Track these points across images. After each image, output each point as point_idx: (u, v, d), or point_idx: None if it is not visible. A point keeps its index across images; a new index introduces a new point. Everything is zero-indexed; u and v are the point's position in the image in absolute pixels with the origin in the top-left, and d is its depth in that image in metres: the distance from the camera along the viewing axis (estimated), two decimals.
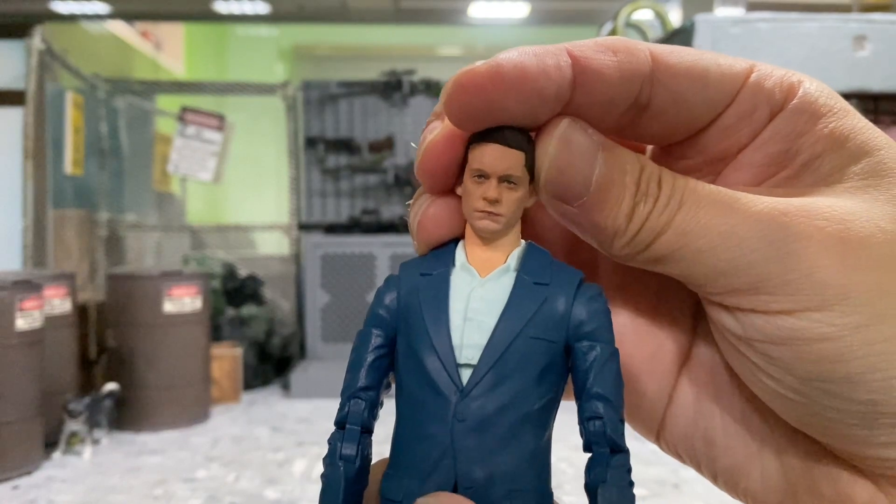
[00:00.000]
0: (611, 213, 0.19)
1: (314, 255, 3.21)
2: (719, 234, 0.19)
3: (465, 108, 0.19)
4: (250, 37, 5.93)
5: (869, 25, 2.23)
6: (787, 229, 0.18)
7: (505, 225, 0.19)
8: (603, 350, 0.19)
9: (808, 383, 0.19)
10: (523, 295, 0.19)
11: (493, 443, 0.18)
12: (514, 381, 0.18)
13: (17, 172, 2.92)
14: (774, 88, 0.21)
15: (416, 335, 0.19)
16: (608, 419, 0.18)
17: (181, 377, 2.47)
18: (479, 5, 4.69)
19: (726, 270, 0.19)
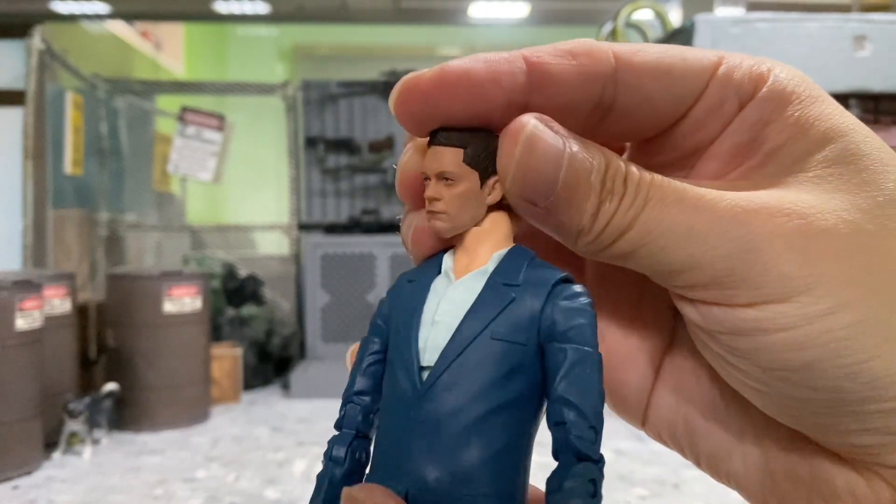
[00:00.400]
0: (576, 212, 0.19)
1: (314, 255, 3.20)
2: (682, 231, 0.19)
3: (410, 113, 0.19)
4: (250, 37, 5.93)
5: (869, 25, 2.23)
6: (748, 227, 0.18)
7: (451, 222, 0.19)
8: (574, 352, 0.18)
9: (771, 373, 0.19)
10: (490, 296, 0.19)
11: (447, 445, 0.18)
12: (470, 383, 0.18)
13: (17, 172, 2.92)
14: (743, 78, 0.21)
15: (394, 341, 0.20)
16: (572, 425, 0.17)
17: (181, 377, 2.47)
18: (479, 5, 4.69)
19: (689, 266, 0.19)
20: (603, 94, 0.20)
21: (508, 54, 0.19)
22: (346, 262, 3.15)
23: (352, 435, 0.20)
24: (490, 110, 0.19)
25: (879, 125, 2.28)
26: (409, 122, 0.20)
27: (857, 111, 2.25)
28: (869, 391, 0.18)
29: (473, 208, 0.19)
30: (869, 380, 0.18)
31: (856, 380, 0.18)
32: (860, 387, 0.18)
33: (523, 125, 0.19)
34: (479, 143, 0.19)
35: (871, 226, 0.18)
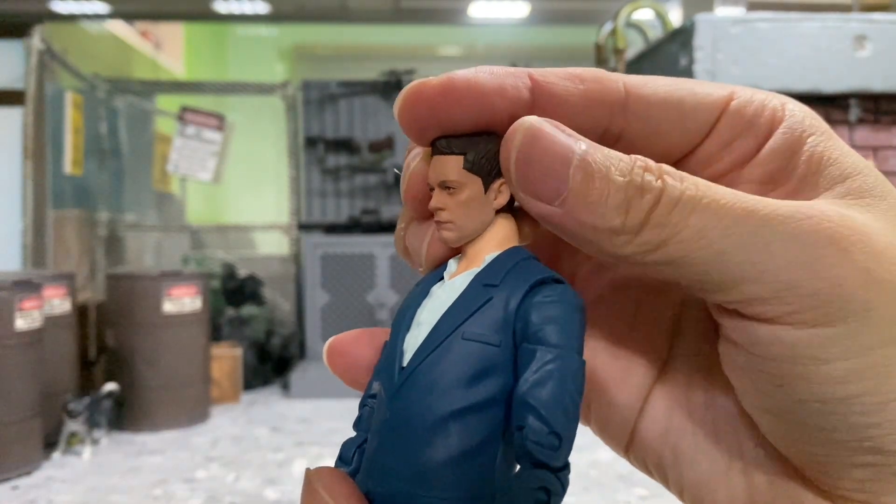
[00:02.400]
0: (597, 208, 0.18)
1: (314, 255, 3.20)
2: (744, 235, 0.17)
3: (414, 119, 0.19)
4: (250, 37, 5.93)
5: (869, 25, 2.23)
6: (815, 234, 0.17)
7: (458, 230, 0.19)
8: (543, 353, 0.17)
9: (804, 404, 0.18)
10: (467, 296, 0.18)
11: (411, 445, 0.17)
12: (436, 383, 0.17)
13: (17, 172, 2.91)
14: (758, 113, 0.20)
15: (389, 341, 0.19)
16: (530, 430, 0.16)
17: (181, 377, 2.46)
18: (479, 5, 4.69)
19: (751, 276, 0.17)
20: (611, 122, 0.20)
21: (516, 70, 0.19)
22: (345, 262, 3.15)
23: (363, 437, 0.19)
24: (493, 122, 0.19)
25: (879, 125, 2.28)
26: (413, 128, 0.19)
27: (858, 111, 2.24)
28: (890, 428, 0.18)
29: (480, 214, 0.19)
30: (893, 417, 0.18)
31: (885, 415, 0.18)
32: (888, 423, 0.18)
33: (522, 120, 0.19)
34: (480, 148, 0.19)
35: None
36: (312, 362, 3.10)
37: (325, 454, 2.15)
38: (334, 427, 2.42)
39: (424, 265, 0.21)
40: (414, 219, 0.22)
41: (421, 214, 0.21)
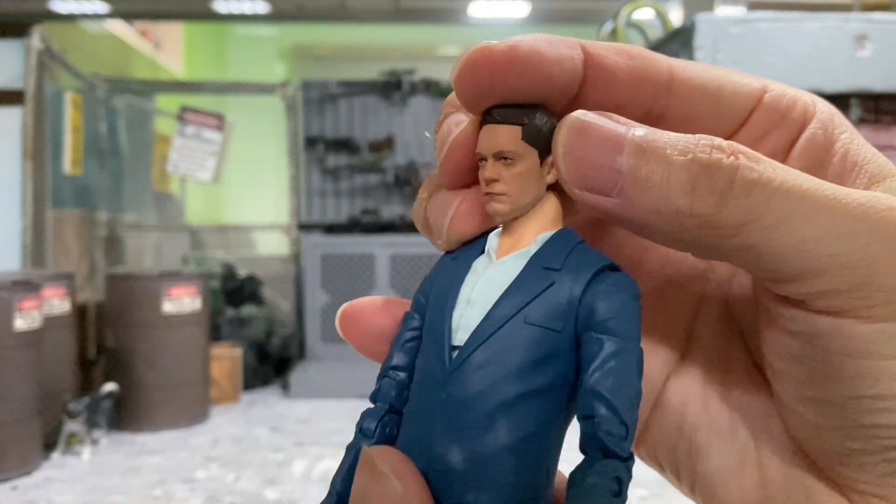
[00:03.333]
0: (658, 191, 0.17)
1: (314, 255, 3.20)
2: (827, 223, 0.17)
3: (475, 84, 0.18)
4: (250, 36, 5.93)
5: (870, 25, 2.23)
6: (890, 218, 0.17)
7: (512, 204, 0.18)
8: (612, 343, 0.17)
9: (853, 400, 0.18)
10: (528, 278, 0.18)
11: (471, 427, 0.17)
12: (497, 367, 0.17)
13: (16, 172, 2.91)
14: (790, 108, 0.20)
15: (430, 317, 0.19)
16: (602, 419, 0.16)
17: (180, 377, 2.46)
18: (479, 5, 4.69)
19: (831, 267, 0.17)
20: (655, 101, 0.19)
21: (569, 40, 0.19)
22: (345, 262, 3.14)
23: (384, 409, 0.19)
24: (550, 92, 0.19)
25: (880, 125, 2.27)
26: (472, 94, 0.18)
27: (858, 111, 2.24)
28: None
29: (534, 188, 0.19)
30: None
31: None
32: None
33: (568, 116, 0.18)
34: (538, 119, 0.18)
35: None
36: (312, 362, 3.09)
37: (325, 454, 2.15)
38: (334, 427, 2.42)
39: (445, 241, 0.20)
40: (442, 188, 0.20)
41: (456, 183, 0.20)
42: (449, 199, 0.20)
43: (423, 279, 0.20)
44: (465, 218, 0.19)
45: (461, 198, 0.20)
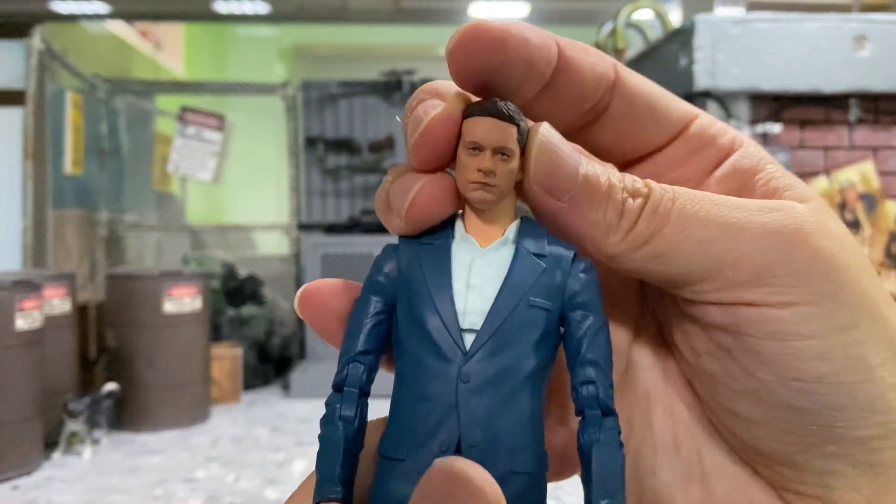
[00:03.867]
0: (600, 207, 0.20)
1: (314, 254, 3.20)
2: (720, 225, 0.20)
3: (469, 57, 0.20)
4: (250, 37, 5.93)
5: (869, 25, 2.23)
6: (783, 222, 0.20)
7: (499, 196, 0.20)
8: (595, 319, 0.20)
9: (786, 382, 0.20)
10: (523, 265, 0.20)
11: (495, 404, 0.19)
12: (514, 347, 0.19)
13: (17, 172, 2.91)
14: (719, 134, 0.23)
15: (419, 301, 0.20)
16: (600, 383, 0.19)
17: (181, 377, 2.47)
18: (479, 5, 4.69)
19: (729, 262, 0.20)
20: (602, 96, 0.22)
21: (545, 32, 0.21)
22: (346, 262, 3.15)
23: (356, 394, 0.20)
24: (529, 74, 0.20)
25: (879, 125, 2.28)
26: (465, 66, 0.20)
27: (857, 111, 2.25)
28: (861, 411, 0.20)
29: (512, 184, 0.20)
30: (865, 400, 0.20)
31: (855, 398, 0.20)
32: (855, 406, 0.20)
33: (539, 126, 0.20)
34: (525, 123, 0.20)
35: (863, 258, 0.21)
36: (313, 362, 3.10)
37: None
38: None
39: (405, 221, 0.20)
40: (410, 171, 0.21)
41: (426, 164, 0.20)
42: (413, 180, 0.20)
43: (376, 261, 0.21)
44: (431, 201, 0.20)
45: (425, 180, 0.20)
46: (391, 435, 0.20)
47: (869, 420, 0.20)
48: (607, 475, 0.19)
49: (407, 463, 0.19)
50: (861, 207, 2.28)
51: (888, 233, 2.28)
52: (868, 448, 0.20)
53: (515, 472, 0.19)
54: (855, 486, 0.21)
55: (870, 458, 0.20)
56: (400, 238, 0.21)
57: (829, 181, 2.27)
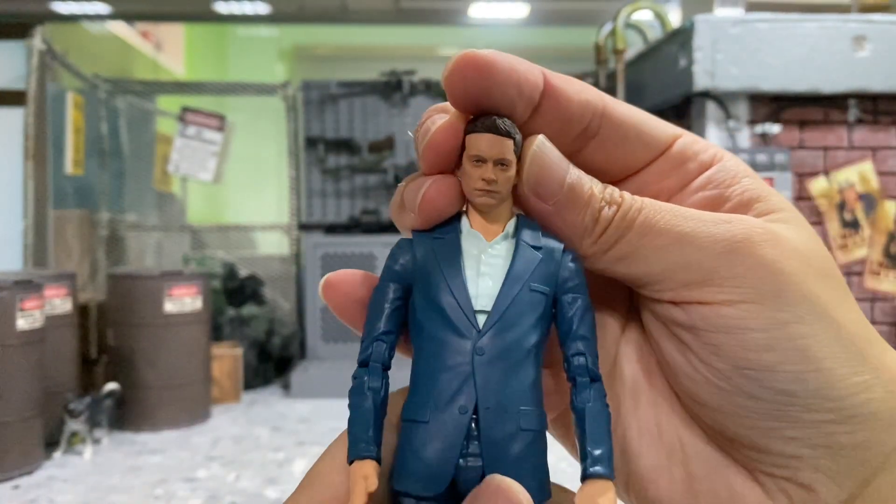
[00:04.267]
0: (580, 213, 0.24)
1: (314, 255, 3.21)
2: (675, 234, 0.23)
3: (463, 81, 0.23)
4: (251, 37, 5.94)
5: (868, 26, 2.23)
6: (731, 232, 0.23)
7: (500, 200, 0.23)
8: (583, 301, 0.23)
9: (739, 371, 0.23)
10: (524, 256, 0.23)
11: (504, 373, 0.22)
12: (519, 325, 0.23)
13: (18, 173, 2.92)
14: (701, 151, 0.26)
15: (436, 286, 0.23)
16: (589, 355, 0.23)
17: (182, 377, 2.47)
18: (479, 6, 4.70)
19: (681, 265, 0.23)
20: (591, 122, 0.25)
21: (532, 65, 0.24)
22: (346, 262, 3.15)
23: (380, 368, 0.23)
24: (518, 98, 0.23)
25: (878, 125, 2.28)
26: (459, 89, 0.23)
27: (856, 111, 2.25)
28: (811, 398, 0.23)
29: (510, 188, 0.24)
30: (815, 388, 0.22)
31: (805, 385, 0.22)
32: (806, 393, 0.23)
33: (536, 135, 0.24)
34: (519, 136, 0.23)
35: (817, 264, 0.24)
36: (313, 362, 3.10)
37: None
38: (335, 426, 2.43)
39: (419, 215, 0.24)
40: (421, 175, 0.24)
41: (434, 167, 0.24)
42: (423, 180, 0.24)
43: (393, 253, 0.24)
44: (439, 196, 0.23)
45: (433, 179, 0.24)
46: (415, 401, 0.23)
47: (821, 406, 0.23)
48: (597, 429, 0.22)
49: (430, 424, 0.22)
50: (860, 207, 2.28)
51: (887, 233, 2.28)
52: (823, 432, 0.23)
53: (523, 429, 0.22)
54: (817, 467, 0.23)
55: (827, 440, 0.23)
56: (414, 233, 0.24)
57: (829, 181, 2.27)
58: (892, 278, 2.26)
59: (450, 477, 0.22)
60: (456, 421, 0.22)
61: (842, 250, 2.27)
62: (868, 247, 2.28)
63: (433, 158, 0.23)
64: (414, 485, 0.22)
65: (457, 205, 0.24)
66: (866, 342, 0.24)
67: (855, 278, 2.26)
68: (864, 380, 0.23)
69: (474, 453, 0.22)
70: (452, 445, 0.22)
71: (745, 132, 2.24)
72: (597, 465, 0.22)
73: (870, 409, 0.23)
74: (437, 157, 0.23)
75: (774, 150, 2.19)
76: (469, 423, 0.22)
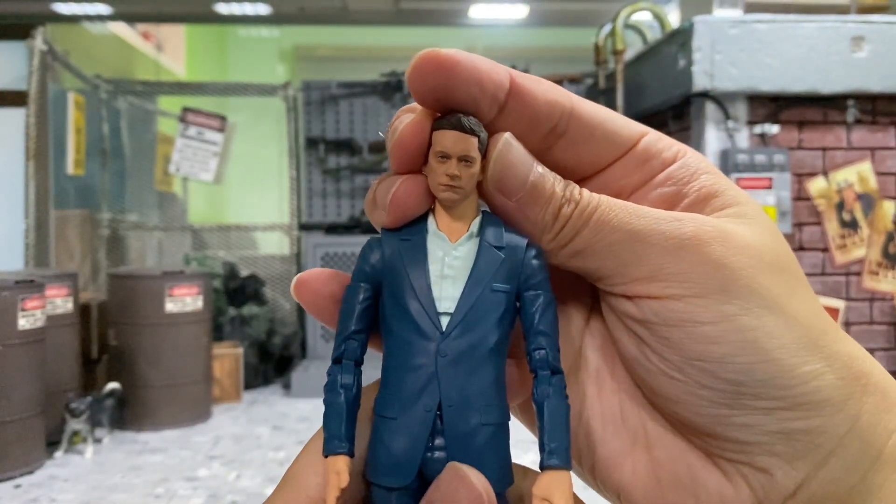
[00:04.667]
0: (541, 210, 0.24)
1: (315, 254, 3.21)
2: (627, 230, 0.24)
3: (424, 79, 0.23)
4: (251, 38, 5.95)
5: (867, 26, 2.24)
6: (680, 230, 0.24)
7: (463, 195, 0.24)
8: (545, 297, 0.24)
9: (690, 363, 0.24)
10: (486, 257, 0.24)
11: (467, 372, 0.23)
12: (481, 325, 0.23)
13: (20, 173, 2.93)
14: (664, 148, 0.27)
15: (401, 289, 0.24)
16: (549, 349, 0.24)
17: (183, 376, 2.48)
18: (478, 7, 4.70)
19: (630, 261, 0.24)
20: (559, 121, 0.25)
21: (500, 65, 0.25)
22: (346, 262, 3.16)
23: (352, 365, 0.24)
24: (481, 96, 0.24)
25: (877, 126, 2.29)
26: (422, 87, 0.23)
27: (855, 111, 2.26)
28: (760, 388, 0.23)
29: (474, 184, 0.24)
30: (763, 378, 0.23)
31: (752, 376, 0.23)
32: (754, 383, 0.23)
33: (502, 133, 0.24)
34: (484, 133, 0.24)
35: (769, 258, 0.25)
36: (313, 361, 3.11)
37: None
38: None
39: (388, 213, 0.24)
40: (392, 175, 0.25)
41: (403, 164, 0.24)
42: (393, 179, 0.25)
43: (363, 253, 0.25)
44: (408, 195, 0.24)
45: (403, 178, 0.24)
46: (384, 398, 0.24)
47: (772, 394, 0.24)
48: (556, 423, 0.23)
49: (399, 420, 0.23)
50: (859, 207, 2.29)
51: (885, 232, 2.29)
52: (776, 418, 0.24)
53: (485, 423, 0.23)
54: (773, 451, 0.24)
55: (780, 426, 0.24)
56: (383, 231, 0.25)
57: (828, 181, 2.28)
58: (890, 278, 2.27)
59: (416, 469, 0.23)
60: (421, 418, 0.23)
61: (840, 250, 2.27)
62: (867, 247, 2.28)
63: (401, 155, 0.24)
64: (384, 477, 0.23)
65: (425, 204, 0.24)
66: (819, 332, 0.24)
67: (854, 278, 2.27)
68: (815, 368, 0.24)
69: (440, 447, 0.23)
70: (418, 440, 0.23)
71: (744, 132, 2.25)
72: (553, 458, 0.23)
73: (821, 396, 0.24)
74: (404, 154, 0.24)
75: (773, 151, 2.20)
76: (434, 419, 0.23)
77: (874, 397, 0.24)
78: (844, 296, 2.26)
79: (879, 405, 0.24)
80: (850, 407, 0.24)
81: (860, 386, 0.24)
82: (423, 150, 0.24)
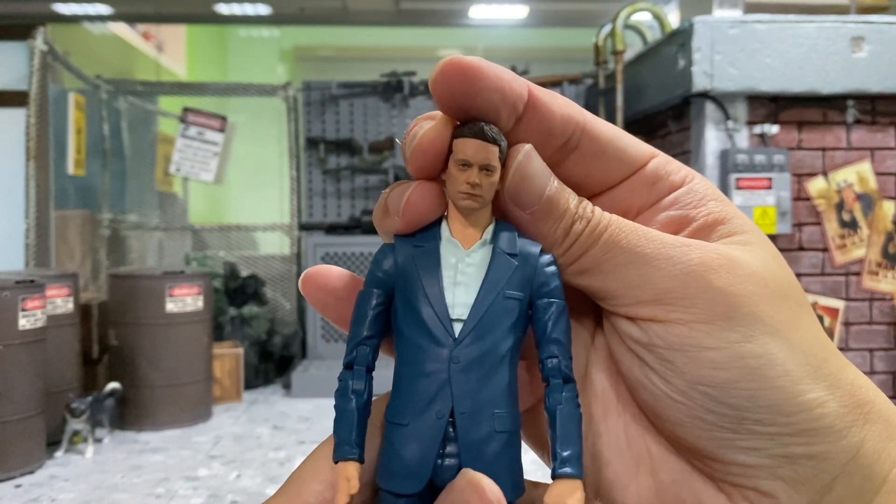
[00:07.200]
0: (554, 225, 0.25)
1: (315, 254, 3.21)
2: (635, 253, 0.24)
3: (450, 86, 0.23)
4: (252, 38, 5.95)
5: (867, 27, 2.24)
6: (688, 256, 0.24)
7: (482, 204, 0.24)
8: (557, 305, 0.24)
9: (694, 387, 0.24)
10: (499, 264, 0.24)
11: (479, 379, 0.23)
12: (493, 332, 0.23)
13: (20, 173, 2.93)
14: (673, 171, 0.27)
15: (414, 295, 0.24)
16: (562, 357, 0.24)
17: (183, 376, 2.48)
18: (478, 7, 4.71)
19: (636, 283, 0.25)
20: (573, 135, 0.26)
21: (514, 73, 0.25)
22: (347, 262, 3.16)
23: (364, 370, 0.24)
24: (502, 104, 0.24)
25: (876, 126, 2.29)
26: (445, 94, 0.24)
27: (855, 112, 2.26)
28: (764, 414, 0.24)
29: (493, 194, 0.24)
30: (766, 405, 0.24)
31: (756, 402, 0.24)
32: (758, 409, 0.24)
33: (523, 144, 0.25)
34: (505, 143, 0.24)
35: (773, 286, 0.25)
36: (314, 361, 3.11)
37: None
38: None
39: (401, 220, 0.25)
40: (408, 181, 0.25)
41: (420, 171, 0.24)
42: (407, 185, 0.25)
43: (376, 259, 0.25)
44: (422, 199, 0.24)
45: (417, 183, 0.25)
46: (396, 405, 0.24)
47: (775, 420, 0.24)
48: (568, 431, 0.23)
49: (410, 426, 0.23)
50: (858, 208, 2.29)
51: (885, 233, 2.29)
52: (779, 443, 0.24)
53: (498, 431, 0.23)
54: (777, 476, 0.24)
55: (784, 451, 0.24)
56: (396, 238, 0.25)
57: (827, 181, 2.28)
58: (890, 278, 2.27)
59: (428, 476, 0.23)
60: (433, 424, 0.23)
61: (840, 250, 2.27)
62: (866, 247, 2.28)
63: (420, 161, 0.24)
64: (395, 483, 0.23)
65: (439, 209, 0.25)
66: (822, 360, 0.24)
67: (853, 278, 2.27)
68: (818, 396, 0.24)
69: (452, 454, 0.23)
70: (430, 447, 0.23)
71: (744, 133, 2.25)
72: (566, 466, 0.23)
73: (824, 423, 0.24)
74: (424, 160, 0.24)
75: (773, 151, 2.20)
76: (446, 426, 0.23)
77: (877, 425, 0.24)
78: (844, 296, 2.26)
79: (883, 433, 0.25)
80: (853, 434, 0.24)
81: (863, 414, 0.24)
82: (442, 157, 0.24)
